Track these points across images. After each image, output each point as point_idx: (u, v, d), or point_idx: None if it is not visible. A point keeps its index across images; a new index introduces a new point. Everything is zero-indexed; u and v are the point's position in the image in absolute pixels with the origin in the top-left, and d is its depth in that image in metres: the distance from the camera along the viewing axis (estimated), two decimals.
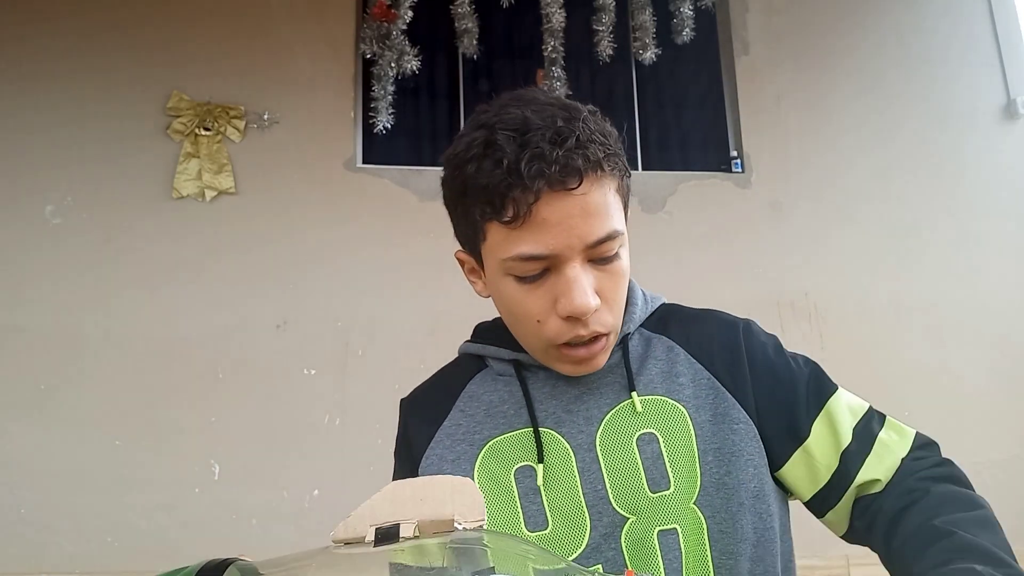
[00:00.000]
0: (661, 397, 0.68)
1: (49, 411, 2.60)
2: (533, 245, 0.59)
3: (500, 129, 0.59)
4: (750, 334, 0.73)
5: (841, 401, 0.70)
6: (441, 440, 0.72)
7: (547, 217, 0.58)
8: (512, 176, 0.57)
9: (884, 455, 0.68)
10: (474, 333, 0.81)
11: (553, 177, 0.57)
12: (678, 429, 0.67)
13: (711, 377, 0.69)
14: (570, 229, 0.59)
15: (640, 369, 0.70)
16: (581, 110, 0.62)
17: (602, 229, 0.60)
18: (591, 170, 0.59)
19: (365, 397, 2.66)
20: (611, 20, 2.89)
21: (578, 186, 0.58)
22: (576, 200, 0.58)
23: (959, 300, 3.12)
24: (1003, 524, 0.62)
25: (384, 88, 2.77)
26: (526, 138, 0.58)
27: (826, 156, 3.25)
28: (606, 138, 0.62)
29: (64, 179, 2.79)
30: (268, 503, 2.60)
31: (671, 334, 0.73)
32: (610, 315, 0.64)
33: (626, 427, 0.67)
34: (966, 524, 0.59)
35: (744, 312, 0.81)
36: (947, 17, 3.49)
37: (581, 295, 0.60)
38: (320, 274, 2.83)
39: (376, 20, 2.74)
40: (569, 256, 0.60)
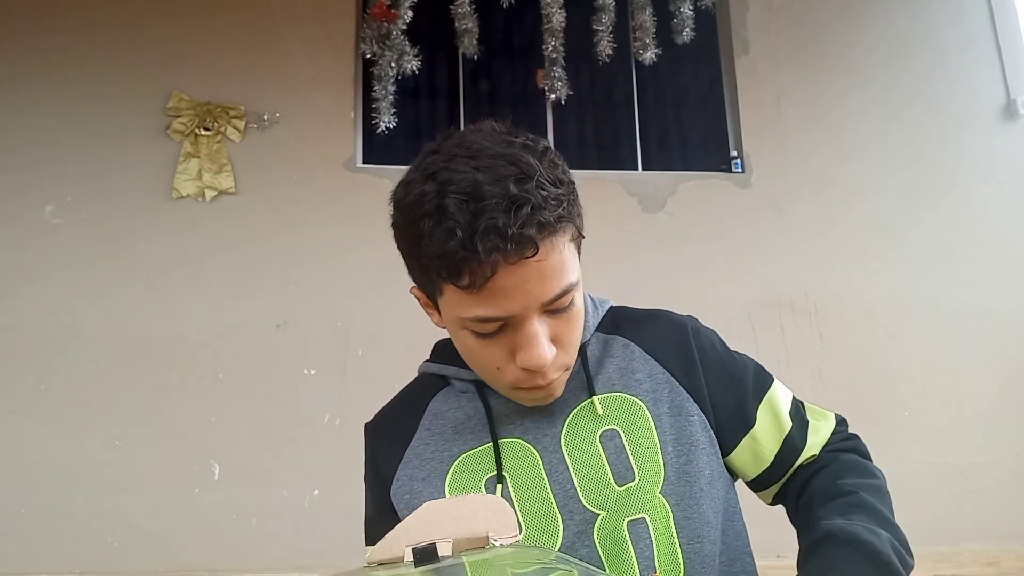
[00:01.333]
0: (619, 393, 0.71)
1: (49, 411, 2.60)
2: (490, 309, 0.59)
3: (451, 193, 0.57)
4: (698, 332, 0.76)
5: (778, 391, 0.76)
6: (410, 460, 0.73)
7: (504, 284, 0.58)
8: (467, 250, 0.56)
9: (816, 437, 0.75)
10: (434, 352, 0.81)
11: (509, 251, 0.56)
12: (638, 423, 0.69)
13: (665, 372, 0.72)
14: (527, 293, 0.59)
15: (598, 370, 0.72)
16: (533, 165, 0.59)
17: (558, 287, 0.60)
18: (546, 235, 0.58)
19: (365, 397, 2.65)
20: (611, 20, 2.89)
21: (534, 254, 0.57)
22: (532, 266, 0.58)
23: (959, 300, 3.12)
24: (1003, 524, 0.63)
25: (385, 88, 2.77)
26: (479, 207, 0.55)
27: (826, 156, 3.25)
28: (560, 188, 0.60)
29: (64, 179, 2.79)
30: (268, 503, 2.60)
31: (625, 334, 0.75)
32: (566, 357, 0.66)
33: (588, 426, 0.69)
34: (866, 488, 0.67)
35: (744, 312, 0.82)
36: (947, 17, 3.49)
37: (539, 352, 0.61)
38: (320, 274, 2.84)
39: (376, 20, 2.75)
40: (526, 315, 0.60)
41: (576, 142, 3.35)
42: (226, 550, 2.54)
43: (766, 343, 2.93)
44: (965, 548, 2.81)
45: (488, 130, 0.63)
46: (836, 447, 0.76)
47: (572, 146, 3.32)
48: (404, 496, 0.70)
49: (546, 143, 0.65)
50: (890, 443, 2.91)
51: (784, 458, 0.73)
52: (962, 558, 2.78)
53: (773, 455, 0.73)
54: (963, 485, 2.90)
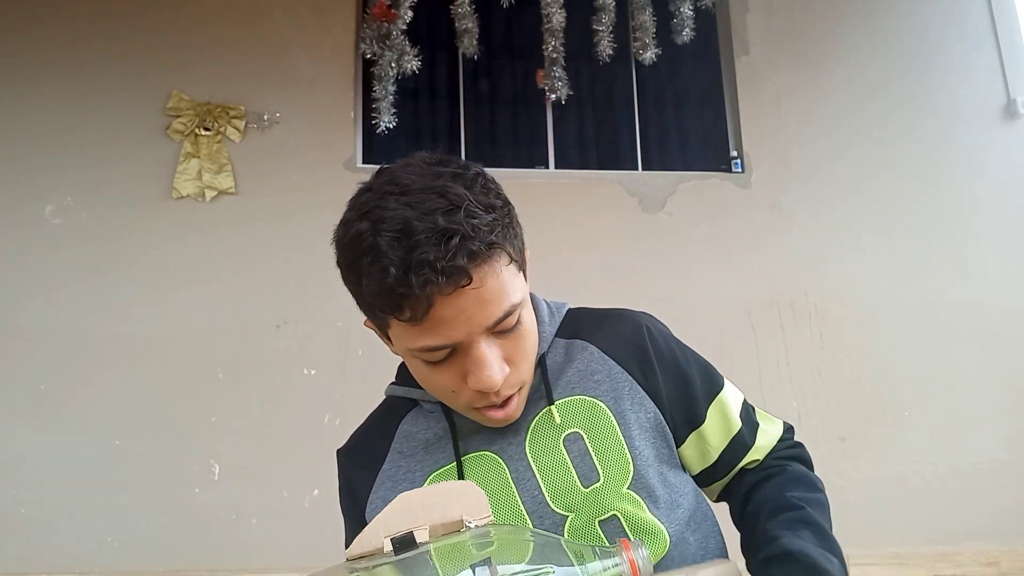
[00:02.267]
0: (580, 396, 0.72)
1: (49, 411, 2.60)
2: (435, 338, 0.61)
3: (384, 231, 0.58)
4: (653, 331, 0.78)
5: (728, 393, 0.78)
6: (383, 483, 0.74)
7: (444, 315, 0.59)
8: (403, 285, 0.57)
9: (764, 441, 0.78)
10: (398, 374, 0.82)
11: (443, 284, 0.57)
12: (600, 424, 0.71)
13: (622, 370, 0.74)
14: (468, 320, 0.60)
15: (559, 375, 0.74)
16: (462, 195, 0.60)
17: (499, 311, 0.61)
18: (480, 262, 0.59)
19: (365, 397, 2.64)
20: (611, 20, 2.89)
21: (469, 283, 0.58)
22: (470, 294, 0.59)
23: (959, 300, 3.12)
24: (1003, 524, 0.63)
25: (386, 88, 2.77)
26: (411, 243, 0.57)
27: (826, 156, 3.25)
28: (492, 213, 0.61)
29: (64, 179, 2.79)
30: (268, 503, 2.60)
31: (583, 336, 0.77)
32: (520, 374, 0.67)
33: (551, 432, 0.71)
34: (811, 504, 0.69)
35: (744, 312, 0.83)
36: (947, 17, 3.49)
37: (487, 375, 0.62)
38: (320, 274, 2.82)
39: (376, 20, 2.75)
40: (472, 340, 0.62)
41: (576, 142, 3.35)
42: (226, 550, 2.54)
43: (766, 343, 2.92)
44: (965, 548, 2.81)
45: (418, 163, 0.64)
46: (782, 455, 0.78)
47: (572, 146, 3.32)
48: None
49: (478, 169, 0.65)
50: (890, 443, 2.91)
51: (728, 458, 0.76)
52: (962, 558, 2.78)
53: (718, 453, 0.76)
54: (963, 485, 2.90)
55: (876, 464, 2.85)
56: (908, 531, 2.75)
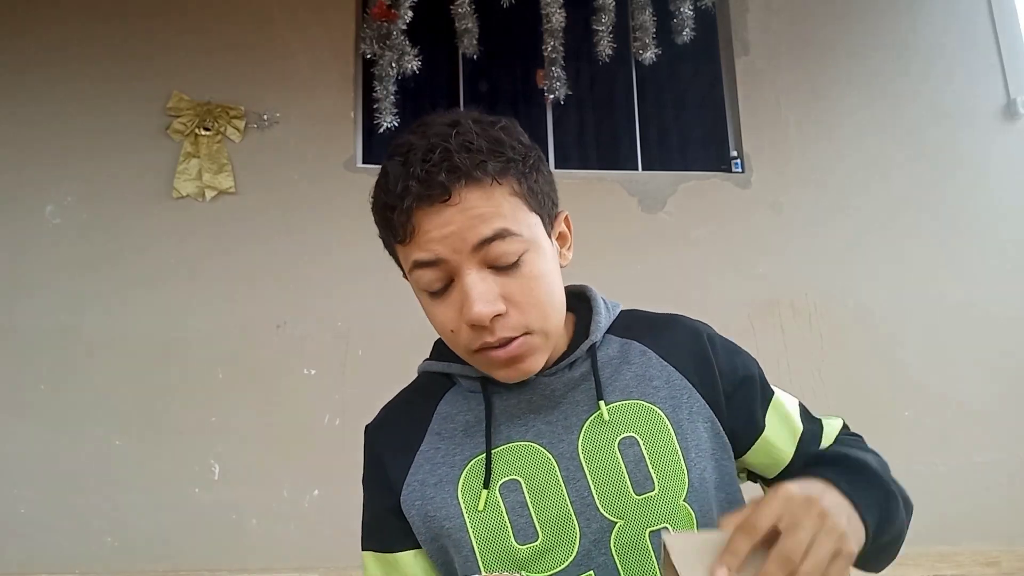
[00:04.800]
0: (637, 401, 0.70)
1: (49, 411, 2.60)
2: (423, 253, 0.62)
3: (390, 157, 0.64)
4: (713, 340, 0.76)
5: (781, 396, 0.77)
6: (421, 465, 0.72)
7: (427, 230, 0.61)
8: (391, 199, 0.62)
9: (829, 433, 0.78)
10: (434, 350, 0.80)
11: (420, 193, 0.60)
12: (657, 431, 0.69)
13: (682, 378, 0.72)
14: (452, 236, 0.61)
15: (614, 376, 0.72)
16: (467, 126, 0.62)
17: (487, 229, 0.61)
18: (460, 180, 0.60)
19: (365, 397, 2.65)
20: (611, 20, 2.89)
21: (447, 198, 0.60)
22: (451, 211, 0.60)
23: (959, 300, 3.12)
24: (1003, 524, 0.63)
25: (386, 88, 2.77)
26: (406, 160, 0.61)
27: (826, 155, 3.25)
28: (496, 145, 0.63)
29: (64, 179, 2.79)
30: (268, 503, 2.60)
31: (642, 339, 0.75)
32: (522, 317, 0.64)
33: (605, 433, 0.68)
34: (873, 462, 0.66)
35: (744, 312, 0.83)
36: (947, 17, 3.48)
37: (474, 304, 0.61)
38: (320, 274, 2.83)
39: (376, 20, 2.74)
40: (460, 262, 0.61)
41: (576, 142, 3.35)
42: (226, 550, 2.54)
43: (766, 343, 2.92)
44: (965, 548, 2.81)
45: (456, 110, 0.67)
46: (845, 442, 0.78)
47: (572, 146, 3.32)
48: (416, 503, 0.70)
49: (508, 120, 0.67)
50: (890, 443, 2.90)
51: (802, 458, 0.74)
52: (962, 558, 2.78)
53: (790, 456, 0.74)
54: (963, 485, 2.90)
55: None
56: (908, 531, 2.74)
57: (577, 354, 0.72)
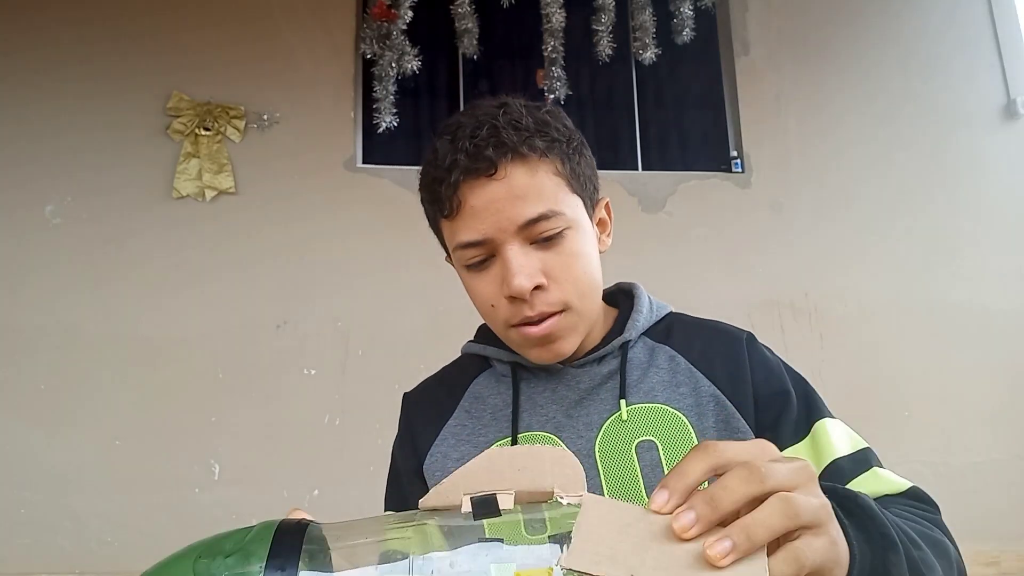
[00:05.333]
0: (661, 405, 0.69)
1: (49, 411, 2.60)
2: (467, 232, 0.63)
3: (439, 136, 0.65)
4: (753, 347, 0.74)
5: (831, 424, 0.69)
6: (446, 439, 0.73)
7: (474, 204, 0.62)
8: (439, 172, 0.63)
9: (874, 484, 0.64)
10: (477, 333, 0.81)
11: (466, 165, 0.61)
12: (678, 437, 0.67)
13: (712, 386, 0.70)
14: (497, 212, 0.62)
15: (642, 377, 0.71)
16: (515, 106, 0.64)
17: (532, 210, 0.62)
18: (506, 155, 0.61)
19: (365, 397, 2.67)
20: (611, 20, 2.89)
21: (494, 172, 0.61)
22: (498, 185, 0.61)
23: (959, 300, 3.12)
24: (1003, 524, 0.61)
25: (386, 88, 2.77)
26: (455, 134, 0.63)
27: (826, 156, 3.25)
28: (541, 126, 0.64)
29: (64, 179, 2.79)
30: (268, 503, 2.60)
31: (674, 344, 0.74)
32: (560, 293, 0.64)
33: (624, 434, 0.68)
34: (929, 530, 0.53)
35: (744, 312, 0.82)
36: (947, 17, 3.49)
37: (515, 276, 0.62)
38: (320, 274, 2.83)
39: (376, 20, 2.74)
40: (503, 239, 0.62)
41: None
42: None
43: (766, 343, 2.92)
44: (965, 548, 2.79)
45: (506, 96, 0.68)
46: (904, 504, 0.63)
47: None
48: (436, 474, 0.71)
49: (555, 106, 0.68)
50: (890, 443, 2.91)
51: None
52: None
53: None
54: (963, 485, 2.90)
55: None
56: None
57: (608, 349, 0.72)
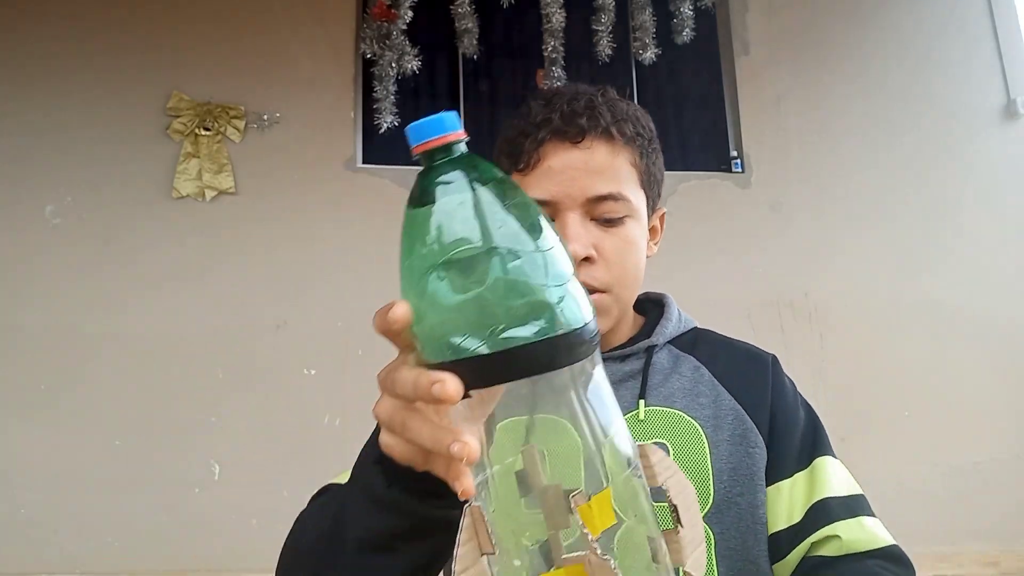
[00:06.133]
0: (679, 412, 0.69)
1: (49, 411, 2.60)
2: (536, 190, 0.64)
3: (534, 98, 0.68)
4: (777, 370, 0.75)
5: (831, 464, 0.71)
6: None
7: (551, 165, 0.64)
8: (527, 127, 0.66)
9: (859, 533, 0.65)
10: None
11: (557, 126, 0.64)
12: (691, 445, 0.68)
13: (733, 400, 0.71)
14: (571, 180, 0.64)
15: (663, 382, 0.71)
16: (609, 91, 0.68)
17: (604, 187, 0.64)
18: (596, 130, 0.64)
19: (365, 397, 2.64)
20: (611, 20, 2.89)
21: (580, 140, 0.63)
22: (579, 154, 0.64)
23: (959, 300, 3.12)
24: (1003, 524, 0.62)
25: (386, 88, 2.77)
26: (551, 99, 0.66)
27: (826, 156, 3.25)
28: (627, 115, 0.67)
29: (64, 179, 2.79)
30: (268, 503, 2.59)
31: (699, 356, 0.75)
32: (607, 273, 0.66)
33: (636, 434, 0.67)
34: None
35: (744, 312, 0.82)
36: (947, 17, 3.48)
37: (570, 242, 0.62)
38: (320, 274, 2.83)
39: (376, 20, 2.75)
40: (569, 206, 0.64)
41: None
42: (226, 550, 2.53)
43: (766, 343, 2.89)
44: (965, 548, 2.81)
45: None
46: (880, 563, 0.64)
47: None
48: None
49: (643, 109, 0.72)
50: (890, 443, 2.91)
51: (805, 524, 0.66)
52: (962, 558, 2.78)
53: (795, 516, 0.67)
54: (963, 485, 2.90)
55: (876, 464, 2.84)
56: (908, 531, 2.74)
57: (633, 350, 0.72)
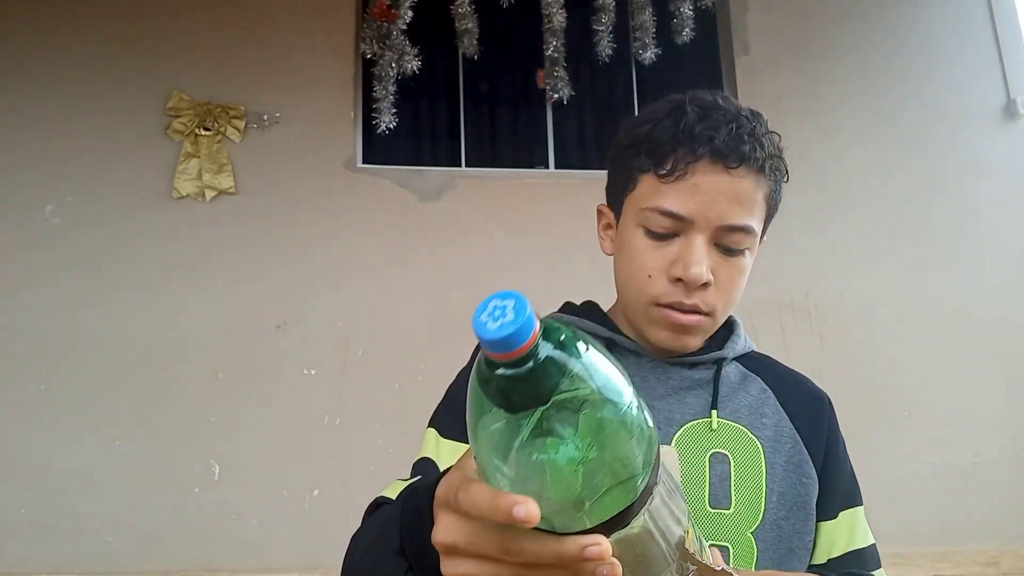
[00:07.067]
0: (743, 428, 0.70)
1: (49, 411, 2.60)
2: (676, 203, 0.64)
3: (691, 103, 0.65)
4: (833, 411, 0.77)
5: (861, 515, 0.74)
6: None
7: (699, 183, 0.63)
8: (684, 135, 0.63)
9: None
10: (562, 309, 0.81)
11: (719, 147, 0.62)
12: (751, 462, 0.69)
13: (793, 429, 0.72)
14: (713, 203, 0.63)
15: (730, 396, 0.72)
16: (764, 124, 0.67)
17: (740, 218, 0.64)
18: (752, 162, 0.63)
19: (365, 397, 2.66)
20: (611, 20, 2.89)
21: (737, 167, 0.62)
22: (729, 180, 0.63)
23: (959, 300, 3.12)
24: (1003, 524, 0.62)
25: (386, 88, 2.77)
26: (710, 113, 0.64)
27: (826, 155, 3.25)
28: (777, 150, 0.67)
29: (64, 179, 2.79)
30: (268, 503, 2.60)
31: (765, 378, 0.76)
32: (717, 299, 0.67)
33: (702, 440, 0.69)
34: None
35: (744, 312, 0.82)
36: (947, 17, 3.48)
37: (697, 264, 0.63)
38: (320, 274, 2.83)
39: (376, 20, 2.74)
40: (701, 227, 0.64)
41: (576, 142, 3.35)
42: (226, 550, 2.53)
43: (766, 343, 2.90)
44: (965, 548, 2.81)
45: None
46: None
47: (572, 146, 3.32)
48: None
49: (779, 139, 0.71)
50: (890, 443, 2.91)
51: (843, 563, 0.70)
52: (962, 558, 2.78)
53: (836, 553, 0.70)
54: (963, 485, 2.90)
55: (876, 464, 2.84)
56: (908, 531, 2.75)
57: (703, 358, 0.73)
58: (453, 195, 2.97)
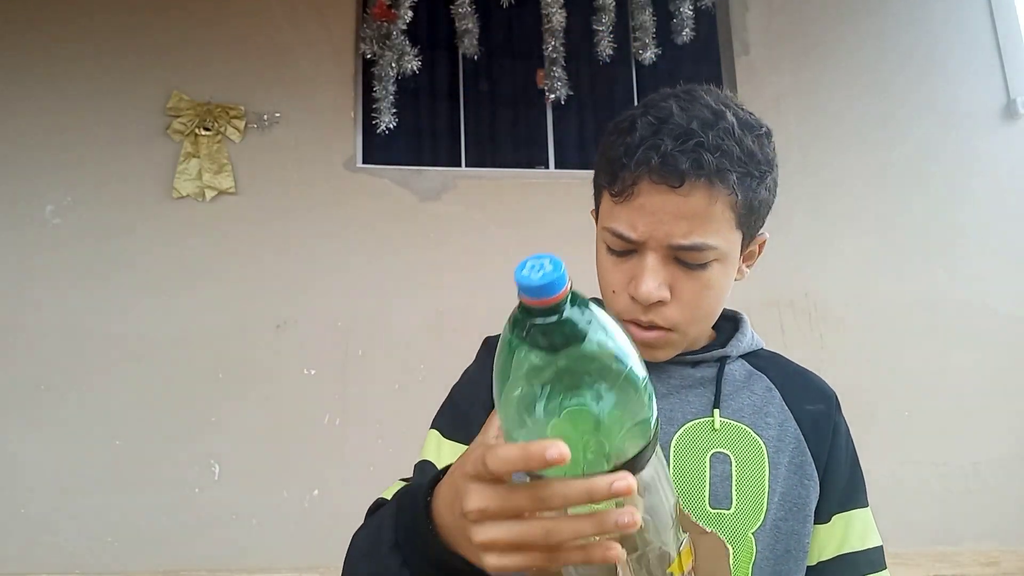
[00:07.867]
0: (746, 427, 0.69)
1: (49, 411, 2.60)
2: (624, 226, 0.63)
3: (648, 114, 0.63)
4: (840, 410, 0.76)
5: (867, 516, 0.73)
6: None
7: (644, 204, 0.61)
8: (627, 156, 0.61)
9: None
10: None
11: (654, 169, 0.60)
12: (753, 460, 0.68)
13: (797, 429, 0.71)
14: (659, 223, 0.61)
15: (734, 394, 0.72)
16: (732, 124, 0.63)
17: (690, 236, 0.61)
18: (698, 176, 0.60)
19: (365, 397, 2.66)
20: (611, 20, 2.89)
21: (679, 186, 0.60)
22: (676, 199, 0.60)
23: (958, 300, 3.12)
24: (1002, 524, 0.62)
25: (386, 88, 2.77)
26: (660, 127, 0.61)
27: (826, 156, 3.25)
28: (747, 157, 0.62)
29: (64, 179, 2.79)
30: (268, 503, 2.60)
31: (771, 377, 0.75)
32: (678, 314, 0.65)
33: (703, 440, 0.68)
34: None
35: (744, 312, 0.82)
36: (947, 18, 3.49)
37: (646, 283, 0.62)
38: (320, 274, 2.83)
39: (376, 20, 2.75)
40: (652, 247, 0.63)
41: (576, 142, 3.35)
42: (226, 550, 2.54)
43: (766, 343, 2.92)
44: (965, 548, 2.81)
45: (722, 93, 0.67)
46: None
47: (572, 146, 3.32)
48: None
49: (768, 128, 0.68)
50: (890, 443, 2.91)
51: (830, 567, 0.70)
52: (962, 558, 2.78)
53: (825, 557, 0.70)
54: (963, 485, 2.90)
55: (876, 464, 2.85)
56: (908, 531, 2.75)
57: (705, 356, 0.72)
58: (453, 195, 2.97)
